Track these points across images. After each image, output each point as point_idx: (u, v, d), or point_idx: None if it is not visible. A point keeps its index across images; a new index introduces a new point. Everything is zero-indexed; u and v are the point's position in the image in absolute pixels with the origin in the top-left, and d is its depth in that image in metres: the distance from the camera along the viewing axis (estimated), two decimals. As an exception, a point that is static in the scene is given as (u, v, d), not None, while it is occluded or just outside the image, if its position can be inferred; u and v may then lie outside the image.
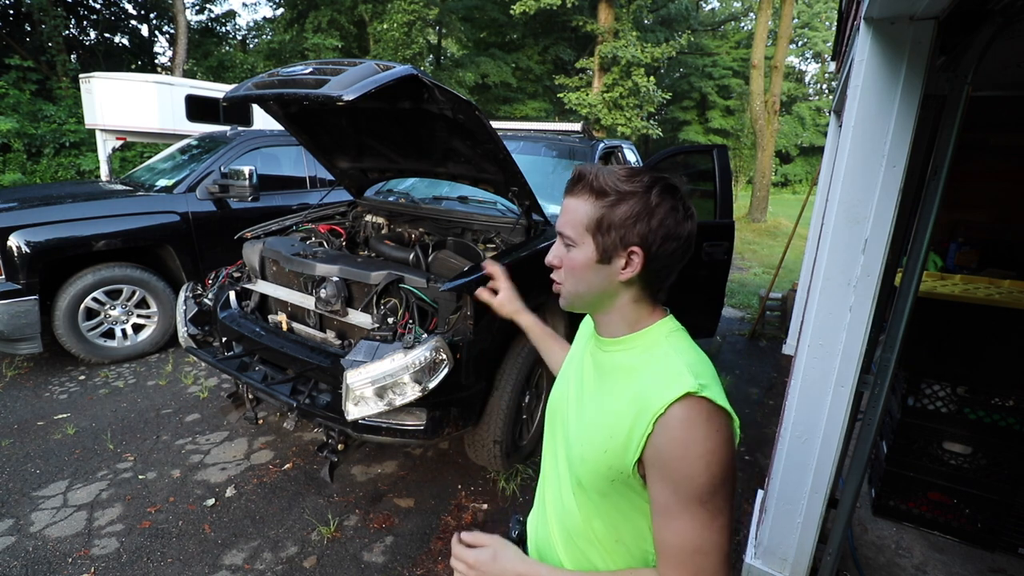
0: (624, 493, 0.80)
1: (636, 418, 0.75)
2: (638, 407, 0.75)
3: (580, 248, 0.81)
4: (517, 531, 1.06)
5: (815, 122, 28.53)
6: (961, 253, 3.85)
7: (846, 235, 1.65)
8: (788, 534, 1.94)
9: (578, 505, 0.86)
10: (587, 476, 0.82)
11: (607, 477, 0.79)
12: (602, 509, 0.83)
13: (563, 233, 0.82)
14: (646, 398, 0.74)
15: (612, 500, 0.81)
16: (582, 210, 0.80)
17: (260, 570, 2.14)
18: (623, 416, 0.77)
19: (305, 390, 2.46)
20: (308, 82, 2.04)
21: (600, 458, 0.79)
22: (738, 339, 5.23)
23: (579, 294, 0.84)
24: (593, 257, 0.80)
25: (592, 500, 0.83)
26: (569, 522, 0.88)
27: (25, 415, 3.21)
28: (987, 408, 2.25)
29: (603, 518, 0.84)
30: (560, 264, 0.85)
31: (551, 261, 0.86)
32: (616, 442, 0.77)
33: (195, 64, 13.37)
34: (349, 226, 3.37)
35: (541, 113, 18.70)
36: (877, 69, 1.53)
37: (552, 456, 0.96)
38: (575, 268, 0.82)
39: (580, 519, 0.86)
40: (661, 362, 0.78)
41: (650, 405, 0.73)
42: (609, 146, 4.17)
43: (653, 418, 0.72)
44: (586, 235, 0.80)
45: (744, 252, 10.43)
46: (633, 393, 0.77)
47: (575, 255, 0.82)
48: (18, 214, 3.50)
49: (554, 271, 0.87)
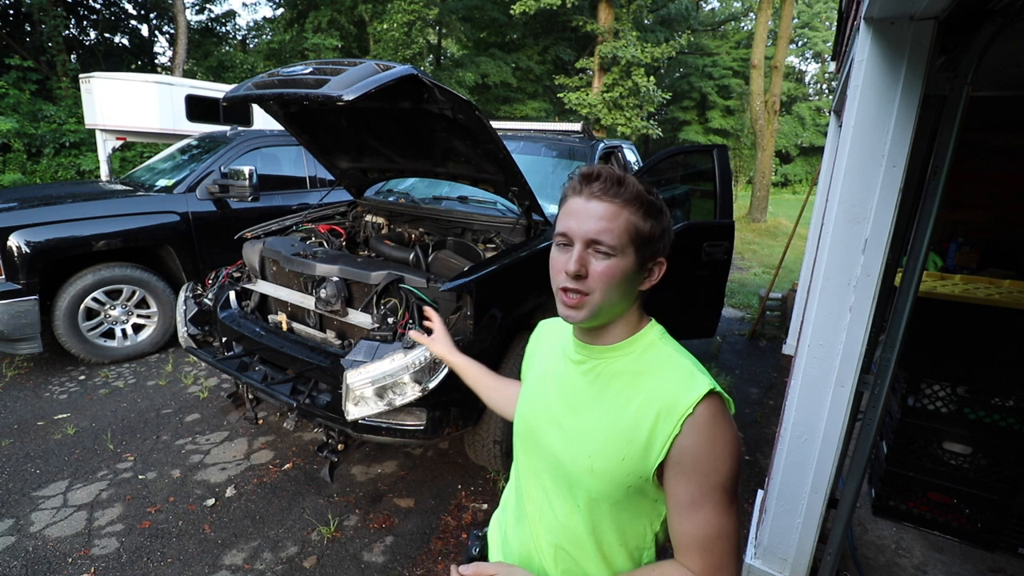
0: (634, 498, 0.81)
1: (659, 421, 0.76)
2: (658, 409, 0.76)
3: (621, 258, 0.76)
4: (478, 547, 1.05)
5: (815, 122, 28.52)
6: (961, 253, 3.84)
7: (846, 235, 1.65)
8: (788, 534, 1.94)
9: (582, 517, 0.84)
10: (599, 487, 0.80)
11: (624, 484, 0.79)
12: (612, 516, 0.83)
13: (601, 240, 0.75)
14: (668, 400, 0.76)
15: (623, 506, 0.82)
16: (624, 218, 0.76)
17: (260, 570, 2.14)
18: (642, 420, 0.77)
19: (305, 390, 2.46)
20: (308, 82, 2.04)
21: (618, 467, 0.78)
22: (738, 339, 5.23)
23: (610, 304, 0.79)
24: (633, 267, 0.78)
25: (601, 509, 0.82)
26: (563, 535, 0.87)
27: (25, 415, 3.21)
28: (987, 408, 2.25)
29: (613, 525, 0.83)
30: (587, 273, 0.77)
31: (577, 270, 0.76)
32: (635, 447, 0.77)
33: (195, 64, 13.37)
34: (349, 226, 3.37)
35: (541, 113, 18.69)
36: (877, 69, 1.53)
37: (533, 474, 0.92)
38: (614, 278, 0.76)
39: (583, 530, 0.84)
40: (669, 363, 0.80)
41: (676, 407, 0.75)
42: (609, 146, 4.17)
43: (681, 419, 0.74)
44: (629, 245, 0.77)
45: (744, 252, 10.43)
46: (646, 396, 0.78)
47: (616, 264, 0.76)
48: (18, 214, 3.50)
49: (574, 280, 0.77)
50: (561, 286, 0.79)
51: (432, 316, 1.32)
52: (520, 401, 0.99)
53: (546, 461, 0.89)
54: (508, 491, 1.06)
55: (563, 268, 0.78)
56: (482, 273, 2.28)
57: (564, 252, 0.79)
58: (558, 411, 0.88)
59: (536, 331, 1.09)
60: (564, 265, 0.78)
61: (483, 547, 1.06)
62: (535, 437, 0.91)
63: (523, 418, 0.96)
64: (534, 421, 0.92)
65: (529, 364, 1.05)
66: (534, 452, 0.92)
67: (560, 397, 0.89)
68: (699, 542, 0.76)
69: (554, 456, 0.86)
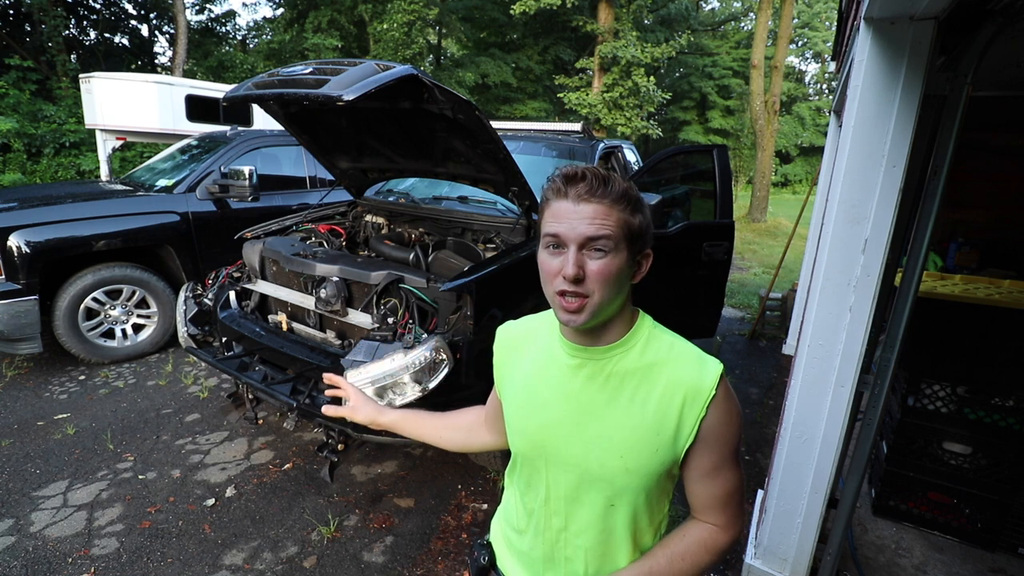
0: (664, 480, 0.87)
1: (684, 407, 0.81)
2: (684, 396, 0.81)
3: (616, 255, 0.77)
4: (487, 556, 1.04)
5: (815, 122, 28.51)
6: (961, 253, 3.84)
7: (846, 235, 1.65)
8: (788, 534, 1.94)
9: (618, 513, 0.86)
10: (636, 482, 0.84)
11: (658, 473, 0.84)
12: (647, 503, 0.87)
13: (600, 238, 0.75)
14: (690, 386, 0.81)
15: (654, 494, 0.87)
16: (616, 216, 0.77)
17: (260, 570, 2.14)
18: (667, 409, 0.82)
19: (305, 390, 2.46)
20: (308, 82, 2.04)
21: (652, 458, 0.83)
22: (738, 339, 5.23)
23: (608, 302, 0.79)
24: (626, 263, 0.79)
25: (639, 501, 0.86)
26: (596, 536, 0.88)
27: (25, 415, 3.21)
28: (987, 408, 2.25)
29: (647, 510, 0.88)
30: (585, 275, 0.76)
31: (576, 273, 0.75)
32: (665, 437, 0.82)
33: (195, 64, 13.37)
34: (349, 226, 3.37)
35: (541, 113, 18.68)
36: (877, 69, 1.52)
37: (551, 487, 0.90)
38: (611, 275, 0.77)
39: (620, 524, 0.87)
40: (676, 351, 0.85)
41: (700, 392, 0.81)
42: (609, 146, 4.17)
43: (706, 402, 0.81)
44: (623, 241, 0.78)
45: (744, 252, 10.42)
46: (666, 386, 0.82)
47: (612, 262, 0.77)
48: (18, 214, 3.50)
49: (573, 284, 0.76)
50: (558, 290, 0.78)
51: (337, 382, 1.17)
52: (513, 419, 0.95)
53: (569, 473, 0.87)
54: (512, 504, 1.01)
55: (559, 272, 0.77)
56: (482, 273, 2.28)
57: (556, 256, 0.78)
58: (572, 422, 0.86)
59: (500, 340, 1.02)
60: (560, 269, 0.77)
61: (491, 555, 1.04)
62: (548, 453, 0.89)
63: (526, 437, 0.92)
64: (543, 438, 0.89)
65: (506, 376, 0.99)
66: (551, 467, 0.89)
67: (569, 407, 0.87)
68: (720, 499, 0.86)
69: (578, 466, 0.86)
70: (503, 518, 1.05)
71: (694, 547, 0.86)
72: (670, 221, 3.43)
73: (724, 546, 0.87)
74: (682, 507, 0.89)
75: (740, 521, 0.89)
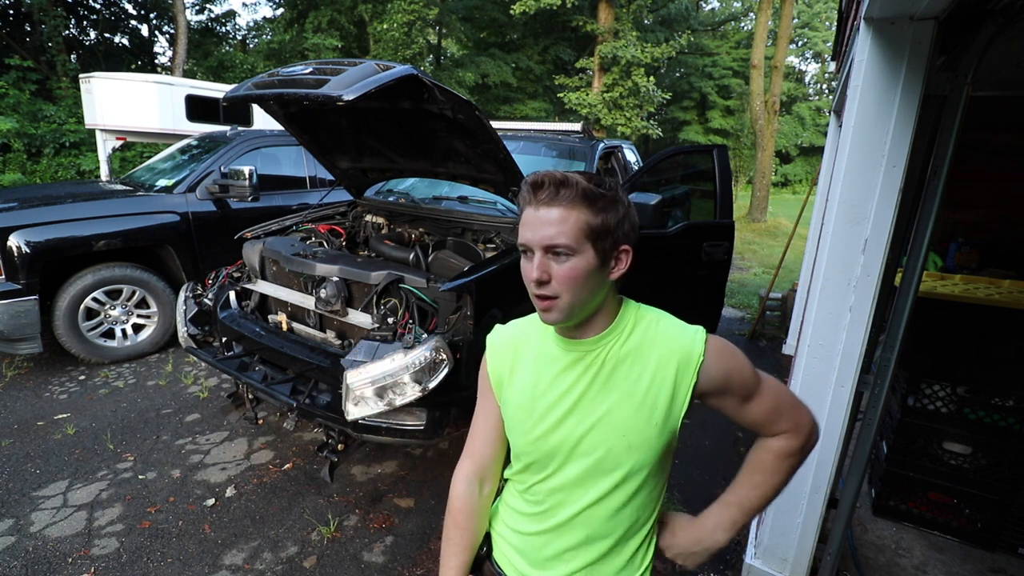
0: (662, 460, 0.91)
1: (678, 376, 0.86)
2: (677, 365, 0.86)
3: (580, 256, 0.81)
4: (484, 548, 1.05)
5: (815, 122, 28.51)
6: (961, 253, 3.84)
7: (846, 235, 1.65)
8: (788, 534, 1.94)
9: (633, 495, 0.90)
10: (641, 457, 0.87)
11: (660, 444, 0.88)
12: (656, 475, 0.91)
13: (558, 244, 0.80)
14: (682, 354, 0.86)
15: (662, 462, 0.92)
16: (575, 218, 0.80)
17: (260, 570, 2.14)
18: (662, 381, 0.86)
19: (305, 390, 2.46)
20: (308, 82, 2.04)
21: (653, 432, 0.87)
22: (738, 339, 5.23)
23: (580, 303, 0.83)
24: (594, 263, 0.82)
25: (652, 474, 0.90)
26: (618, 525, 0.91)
27: (25, 415, 3.21)
28: (987, 408, 2.25)
29: (657, 481, 0.93)
30: (550, 278, 0.81)
31: (540, 277, 0.81)
32: (661, 409, 0.86)
33: (195, 64, 13.37)
34: (349, 226, 3.37)
35: (541, 113, 18.67)
36: (877, 69, 1.53)
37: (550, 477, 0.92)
38: (577, 278, 0.81)
39: (641, 502, 0.91)
40: (661, 326, 0.90)
41: (690, 359, 0.86)
42: (609, 146, 4.17)
43: (696, 367, 0.86)
44: (585, 242, 0.81)
45: (744, 252, 10.42)
46: (658, 360, 0.87)
47: (577, 264, 0.81)
48: (18, 214, 3.50)
49: (539, 287, 0.82)
50: (532, 293, 0.85)
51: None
52: (516, 420, 0.95)
53: (575, 462, 0.90)
54: (513, 497, 1.02)
55: (529, 277, 0.83)
56: (482, 273, 2.28)
57: (528, 261, 0.84)
58: (574, 413, 0.89)
59: (494, 347, 1.01)
60: (529, 274, 0.83)
61: (488, 546, 1.05)
62: (554, 447, 0.90)
63: (532, 436, 0.92)
64: (557, 444, 0.90)
65: (506, 381, 0.98)
66: (558, 459, 0.91)
67: (570, 400, 0.89)
68: (773, 412, 0.92)
69: (585, 454, 0.89)
70: (502, 511, 1.06)
71: (772, 462, 0.94)
72: (670, 221, 3.43)
73: (801, 443, 0.93)
74: (682, 507, 0.89)
75: (803, 416, 0.93)
